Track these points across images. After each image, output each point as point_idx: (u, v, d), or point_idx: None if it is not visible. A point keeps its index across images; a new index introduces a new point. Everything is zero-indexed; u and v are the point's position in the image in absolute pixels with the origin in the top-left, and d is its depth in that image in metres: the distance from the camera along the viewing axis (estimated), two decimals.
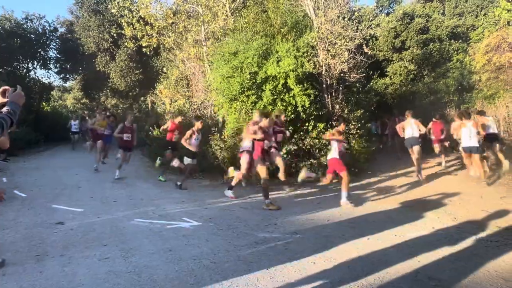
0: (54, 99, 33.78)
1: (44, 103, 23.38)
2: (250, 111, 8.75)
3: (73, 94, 35.97)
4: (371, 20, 9.77)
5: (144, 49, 12.29)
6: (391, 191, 7.52)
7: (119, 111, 26.77)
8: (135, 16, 11.48)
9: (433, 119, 10.09)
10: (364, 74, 10.17)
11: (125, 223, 5.25)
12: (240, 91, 8.73)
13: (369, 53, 10.28)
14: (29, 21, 20.30)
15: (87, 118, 15.19)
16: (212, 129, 9.87)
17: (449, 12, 21.77)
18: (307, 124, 8.99)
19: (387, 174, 9.51)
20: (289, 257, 3.87)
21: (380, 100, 14.21)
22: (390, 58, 16.68)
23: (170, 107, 12.58)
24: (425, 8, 20.19)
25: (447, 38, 17.37)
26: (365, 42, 10.67)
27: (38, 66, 21.74)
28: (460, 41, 17.48)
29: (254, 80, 8.71)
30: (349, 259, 3.79)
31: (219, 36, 10.94)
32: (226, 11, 10.89)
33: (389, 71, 16.18)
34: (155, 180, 9.07)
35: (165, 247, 4.23)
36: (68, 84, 29.65)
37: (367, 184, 8.44)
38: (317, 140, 8.79)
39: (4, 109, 2.15)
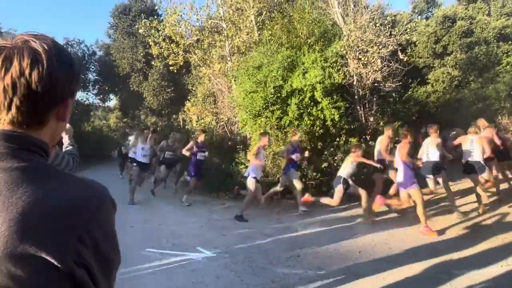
0: (99, 118, 35.31)
1: (85, 124, 24.29)
2: (275, 127, 8.22)
3: (115, 113, 37.33)
4: (406, 24, 8.98)
5: (171, 68, 12.21)
6: (438, 214, 6.59)
7: (158, 128, 27.24)
8: (161, 35, 11.44)
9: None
10: (400, 83, 9.33)
11: (135, 253, 4.85)
12: (264, 106, 8.24)
13: (405, 60, 9.45)
14: (69, 46, 21.31)
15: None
16: (238, 146, 9.43)
17: (495, 13, 20.18)
18: (338, 139, 8.30)
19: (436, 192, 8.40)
20: None
21: (421, 109, 13.12)
22: (431, 65, 15.54)
23: (197, 124, 12.33)
24: (468, 10, 18.80)
25: (495, 40, 15.95)
26: (401, 48, 9.83)
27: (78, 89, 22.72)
28: (510, 42, 15.99)
29: (278, 94, 8.19)
30: None
31: (244, 50, 10.59)
32: (251, 23, 10.54)
33: (430, 78, 15.02)
34: (179, 201, 8.63)
35: (170, 286, 3.76)
36: (112, 103, 30.98)
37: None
38: None
39: (70, 146, 2.51)
